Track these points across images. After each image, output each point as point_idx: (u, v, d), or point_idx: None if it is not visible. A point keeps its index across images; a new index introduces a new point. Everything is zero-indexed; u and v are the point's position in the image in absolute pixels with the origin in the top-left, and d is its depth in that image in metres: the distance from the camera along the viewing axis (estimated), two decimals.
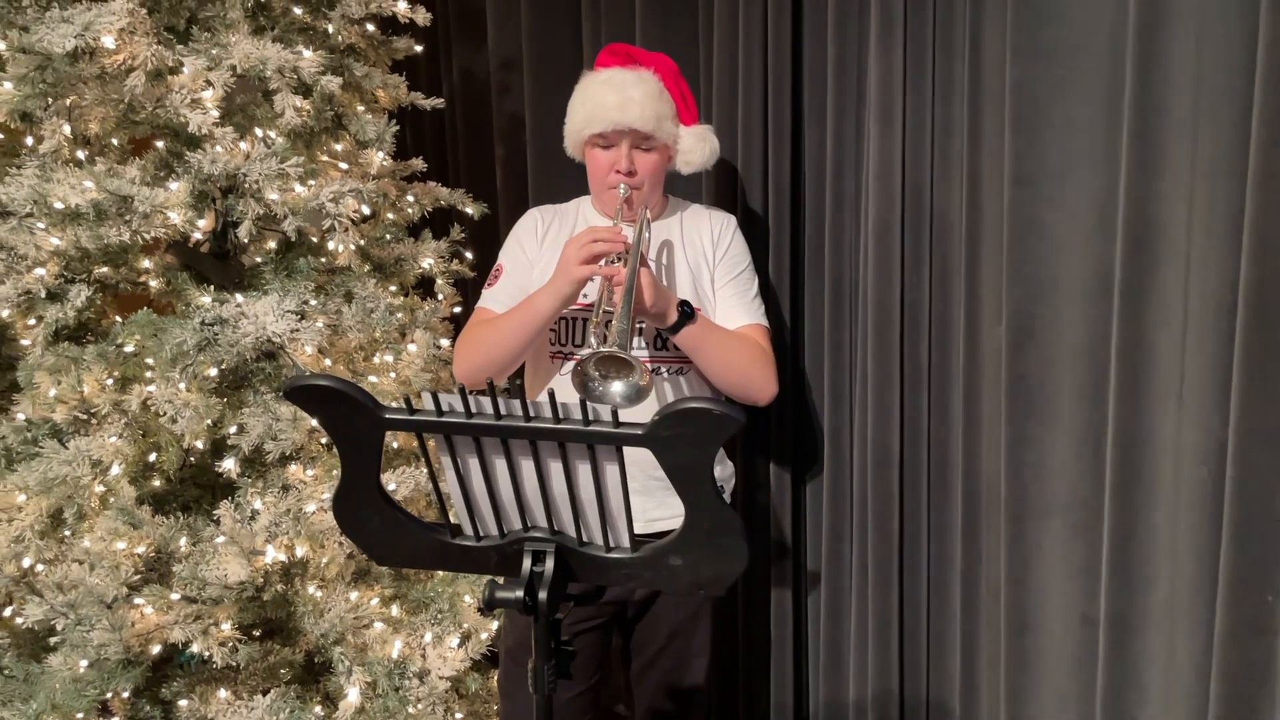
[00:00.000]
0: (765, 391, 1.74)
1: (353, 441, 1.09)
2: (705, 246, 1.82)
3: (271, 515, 1.87)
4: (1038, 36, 1.69)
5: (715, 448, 1.01)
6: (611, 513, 1.12)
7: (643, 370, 1.41)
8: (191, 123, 1.87)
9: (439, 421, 1.05)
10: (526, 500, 1.13)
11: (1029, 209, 1.74)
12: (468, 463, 1.11)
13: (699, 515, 1.08)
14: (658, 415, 1.00)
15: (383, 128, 2.11)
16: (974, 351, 1.85)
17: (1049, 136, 1.70)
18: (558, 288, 1.62)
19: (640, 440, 1.02)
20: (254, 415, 1.93)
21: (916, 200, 1.85)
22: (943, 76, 1.80)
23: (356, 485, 1.14)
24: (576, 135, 1.80)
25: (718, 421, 0.98)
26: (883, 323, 1.89)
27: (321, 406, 1.06)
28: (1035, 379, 1.78)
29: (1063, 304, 1.75)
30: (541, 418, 1.04)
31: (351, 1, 2.11)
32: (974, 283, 1.82)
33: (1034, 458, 1.81)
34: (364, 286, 2.11)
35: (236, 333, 1.85)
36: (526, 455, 1.08)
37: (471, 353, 1.74)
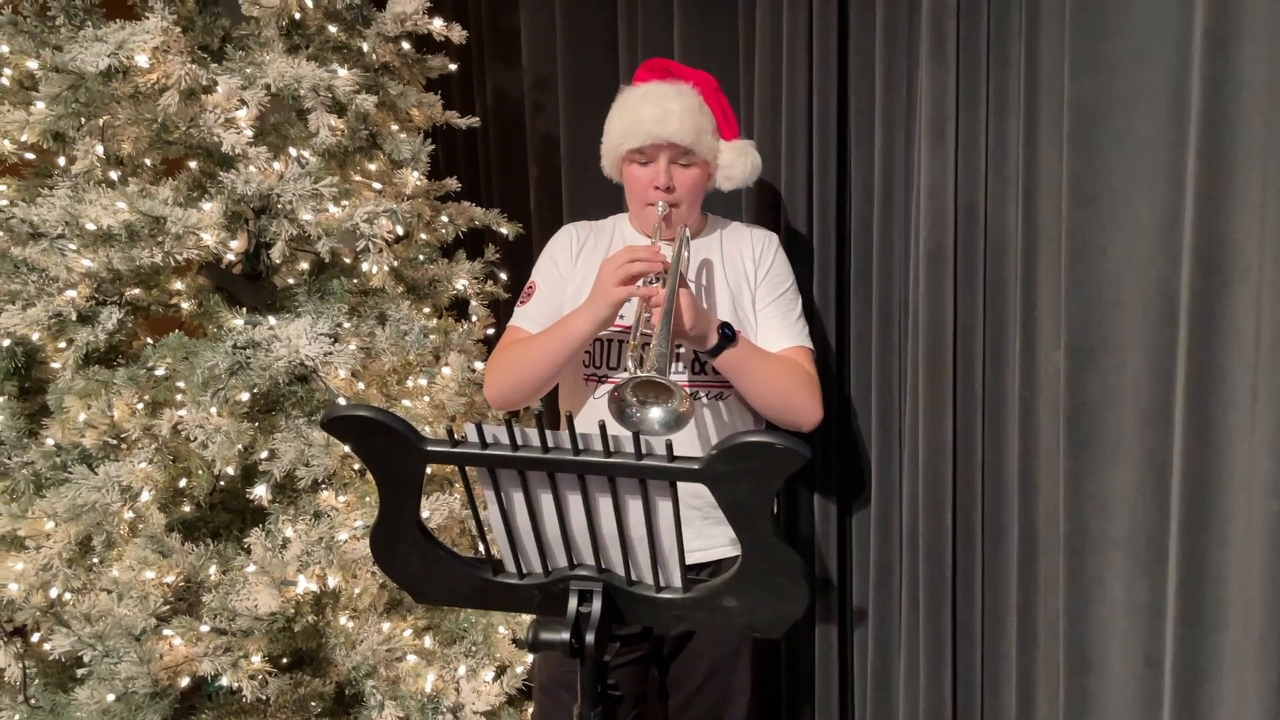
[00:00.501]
0: (810, 417, 1.68)
1: (392, 474, 1.04)
2: (746, 265, 1.76)
3: (303, 544, 1.82)
4: (1098, 49, 1.62)
5: (777, 484, 0.95)
6: (663, 551, 1.06)
7: (682, 396, 1.35)
8: (225, 142, 1.85)
9: (483, 454, 1.00)
10: (573, 537, 1.07)
11: (1089, 228, 1.66)
12: (512, 497, 1.05)
13: (756, 555, 1.02)
14: (715, 449, 0.94)
15: (418, 147, 2.07)
16: (1030, 377, 1.77)
17: (1110, 153, 1.63)
18: (594, 309, 1.56)
19: (696, 475, 0.96)
20: (286, 440, 1.89)
21: (970, 219, 1.78)
22: (997, 91, 1.73)
23: (395, 520, 1.08)
24: (614, 151, 1.75)
25: (780, 456, 0.92)
26: (935, 347, 1.82)
27: (360, 438, 1.01)
28: (1097, 406, 1.70)
29: (1125, 327, 1.68)
30: (591, 451, 0.98)
31: (386, 19, 2.09)
32: (1030, 305, 1.75)
33: (1095, 488, 1.73)
34: (398, 308, 2.07)
35: (269, 356, 1.81)
36: (574, 490, 1.02)
37: (503, 374, 1.69)
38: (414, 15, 2.10)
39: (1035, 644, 1.85)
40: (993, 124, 1.75)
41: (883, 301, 1.94)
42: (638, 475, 0.98)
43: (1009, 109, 1.74)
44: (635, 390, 1.36)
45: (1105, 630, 1.77)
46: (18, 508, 1.81)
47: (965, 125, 1.75)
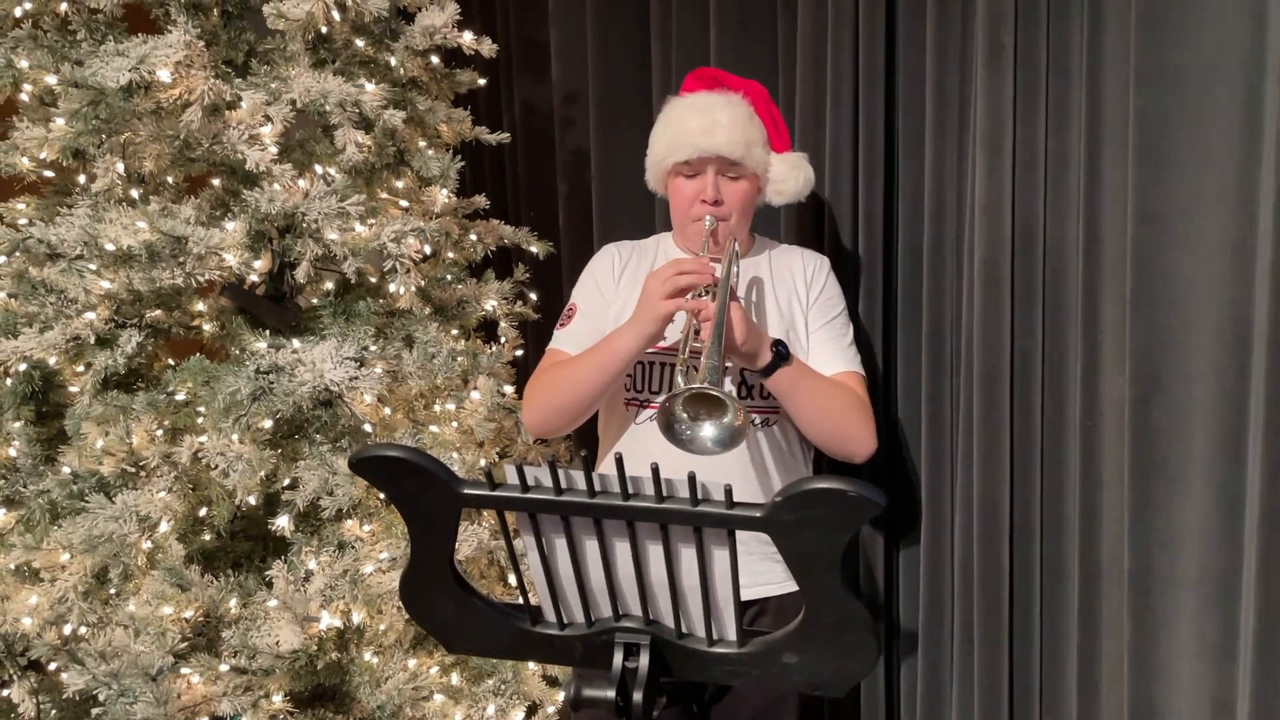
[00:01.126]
0: (864, 446, 1.59)
1: (425, 518, 0.96)
2: (798, 286, 1.68)
3: (327, 577, 1.74)
4: (1165, 59, 1.54)
5: (848, 534, 0.87)
6: (717, 602, 0.98)
7: (737, 409, 1.27)
8: (249, 159, 1.78)
9: (525, 499, 0.92)
10: (619, 585, 0.99)
11: (1156, 248, 1.57)
12: (553, 543, 0.97)
13: (821, 608, 0.93)
14: (780, 496, 0.86)
15: (447, 164, 2.00)
16: (1092, 405, 1.67)
17: (1178, 168, 1.54)
18: (640, 325, 1.48)
19: (759, 524, 0.87)
20: (309, 469, 1.82)
21: (1028, 238, 1.69)
22: (1057, 102, 1.64)
23: (427, 565, 1.00)
24: (659, 165, 1.67)
25: (853, 505, 0.83)
26: (991, 373, 1.72)
27: (390, 479, 0.93)
28: (1164, 435, 1.61)
29: (1194, 352, 1.58)
30: (642, 496, 0.90)
31: (415, 33, 2.02)
32: (1092, 329, 1.66)
33: (1162, 522, 1.63)
34: (425, 330, 2.00)
35: (293, 381, 1.74)
36: (622, 537, 0.94)
37: (543, 398, 1.61)
38: (443, 28, 2.03)
39: (1097, 687, 1.75)
40: (1052, 137, 1.66)
41: (933, 324, 1.85)
42: (693, 523, 0.90)
43: (1069, 122, 1.65)
44: (686, 405, 1.27)
45: (1172, 673, 1.67)
46: (32, 538, 1.75)
47: (1023, 139, 1.67)
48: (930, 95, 1.78)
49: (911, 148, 1.85)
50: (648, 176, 1.75)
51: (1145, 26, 1.54)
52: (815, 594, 0.92)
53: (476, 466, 1.89)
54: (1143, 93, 1.55)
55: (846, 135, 1.89)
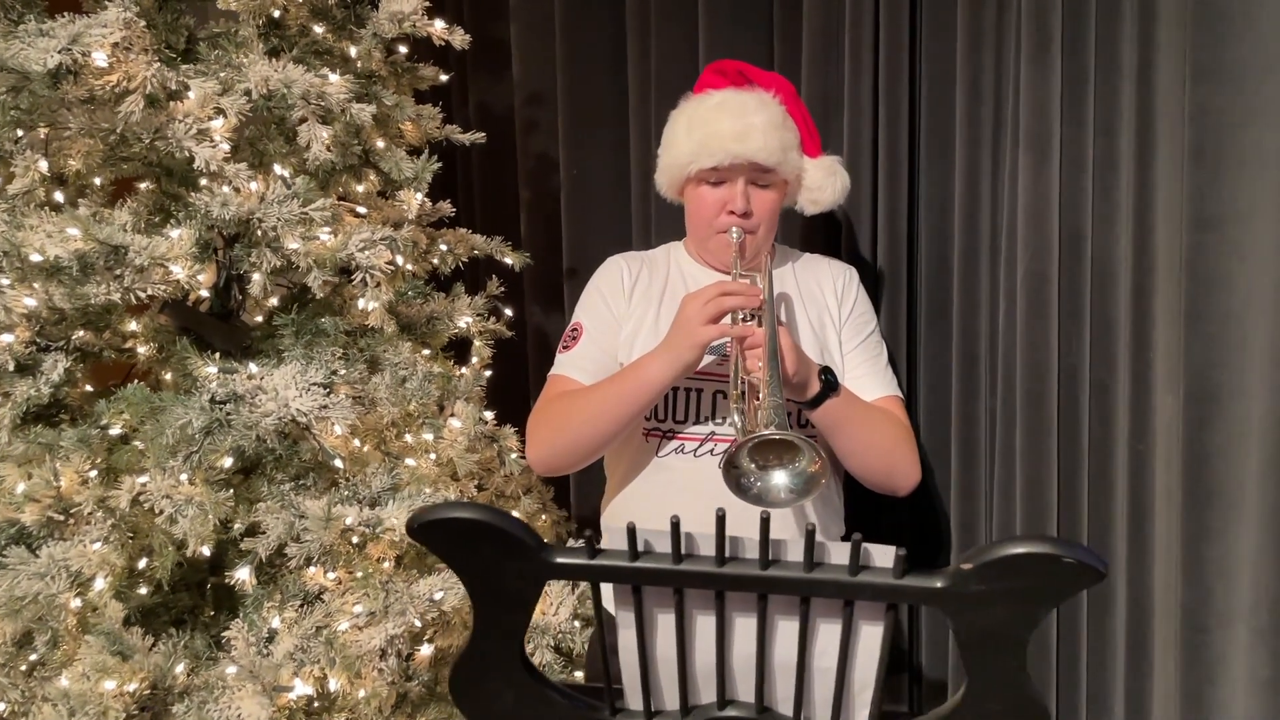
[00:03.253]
0: (910, 479, 1.44)
1: (498, 592, 0.77)
2: (829, 302, 1.52)
3: (295, 637, 1.51)
4: (1223, 54, 1.43)
5: (1050, 609, 0.70)
6: (853, 687, 0.80)
7: (813, 454, 1.10)
8: (198, 157, 1.55)
9: (632, 569, 0.73)
10: (731, 667, 0.81)
11: (1212, 256, 1.46)
12: (655, 619, 0.79)
13: (988, 693, 0.77)
14: (970, 563, 0.69)
15: (422, 165, 1.80)
16: (1143, 425, 1.55)
17: (1239, 171, 1.43)
18: (675, 352, 1.30)
19: (936, 597, 0.70)
20: (271, 512, 1.58)
21: (1075, 247, 1.56)
22: (1104, 101, 1.52)
23: (492, 649, 0.81)
24: (679, 170, 1.49)
25: (1067, 573, 0.67)
26: (1037, 393, 1.59)
27: (461, 546, 0.74)
28: (1219, 458, 1.49)
29: (1251, 369, 1.47)
30: (784, 564, 0.72)
31: (383, 19, 1.81)
32: (1143, 343, 1.54)
33: (1217, 553, 1.52)
34: (396, 351, 1.78)
35: (255, 411, 1.51)
36: (749, 611, 0.76)
37: (554, 433, 1.42)
38: (413, 15, 1.83)
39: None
40: (1099, 138, 1.54)
41: (965, 341, 1.71)
42: (851, 595, 0.72)
43: (1119, 121, 1.53)
44: (752, 454, 1.10)
45: (1226, 712, 1.56)
46: None
47: (1069, 139, 1.54)
48: (961, 92, 1.65)
49: (938, 149, 1.71)
50: (659, 180, 1.57)
51: (1203, 20, 1.43)
52: (986, 677, 0.76)
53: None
54: (1200, 90, 1.44)
55: (866, 136, 1.74)
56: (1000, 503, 1.68)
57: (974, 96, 1.64)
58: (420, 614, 1.60)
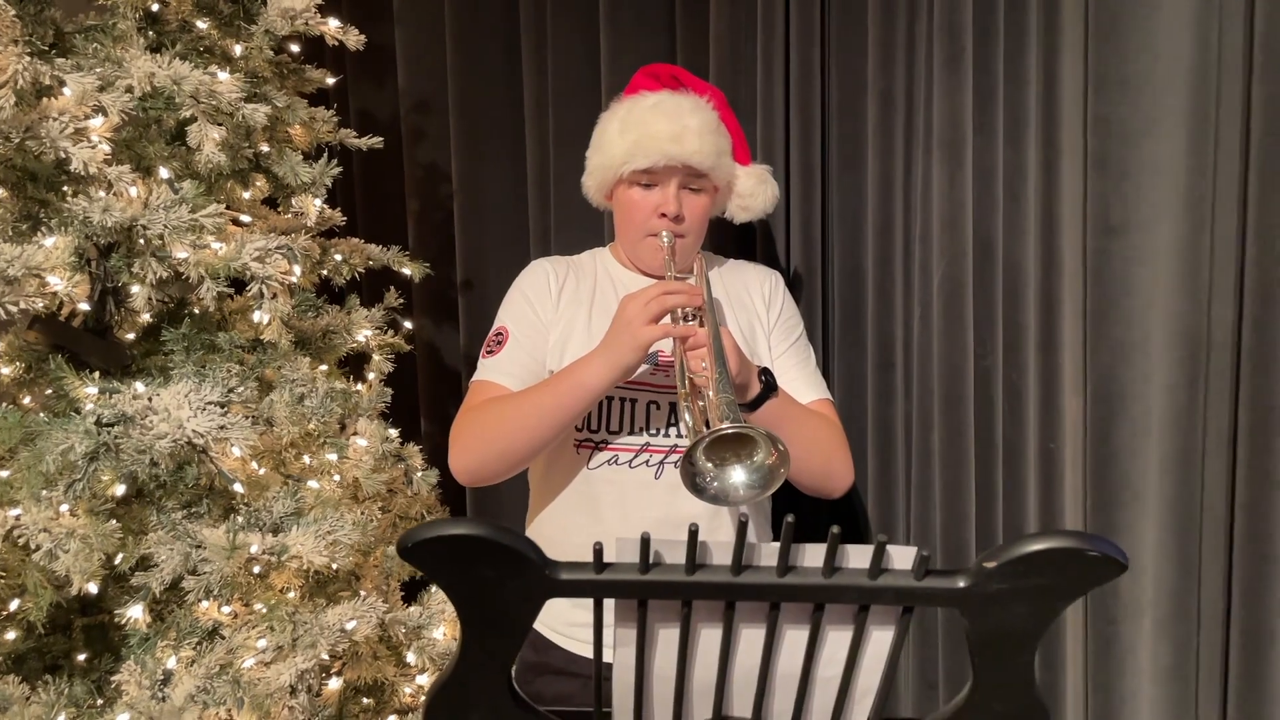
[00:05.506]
0: (845, 481, 1.44)
1: (494, 614, 0.71)
2: (757, 307, 1.51)
3: (196, 678, 1.39)
4: (1123, 67, 1.50)
5: (1067, 605, 0.70)
6: (854, 694, 0.78)
7: (770, 444, 1.08)
8: (75, 159, 1.42)
9: (643, 582, 0.69)
10: (732, 681, 0.78)
11: (1114, 261, 1.53)
12: (656, 634, 0.74)
13: (994, 695, 0.76)
14: (992, 561, 0.68)
15: (321, 170, 1.70)
16: (1052, 427, 1.61)
17: (1142, 179, 1.50)
18: (618, 354, 1.26)
19: (958, 597, 0.69)
20: (163, 543, 1.46)
21: (987, 253, 1.60)
22: (1012, 112, 1.57)
23: (479, 675, 0.75)
24: (610, 171, 1.46)
25: (1093, 567, 0.67)
26: (954, 396, 1.62)
27: (460, 566, 0.68)
28: (1124, 455, 1.56)
29: (1154, 371, 1.54)
30: (801, 569, 0.70)
31: (274, 15, 1.71)
32: (1050, 345, 1.59)
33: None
34: (294, 367, 1.68)
35: (148, 434, 1.39)
36: (758, 622, 0.73)
37: (482, 441, 1.36)
38: (305, 13, 1.73)
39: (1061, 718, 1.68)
40: (1007, 147, 1.58)
41: (880, 346, 1.73)
42: (870, 600, 0.70)
43: (1025, 131, 1.58)
44: (708, 452, 1.08)
45: (1135, 701, 1.62)
46: None
47: (980, 148, 1.58)
48: (873, 102, 1.67)
49: (851, 159, 1.73)
50: (587, 183, 1.53)
51: (1102, 34, 1.49)
52: (994, 678, 0.75)
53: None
54: (1101, 101, 1.50)
55: (779, 145, 1.74)
56: (918, 504, 1.71)
57: (886, 105, 1.67)
58: (331, 646, 1.50)
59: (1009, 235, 1.59)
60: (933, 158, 1.59)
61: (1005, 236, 1.59)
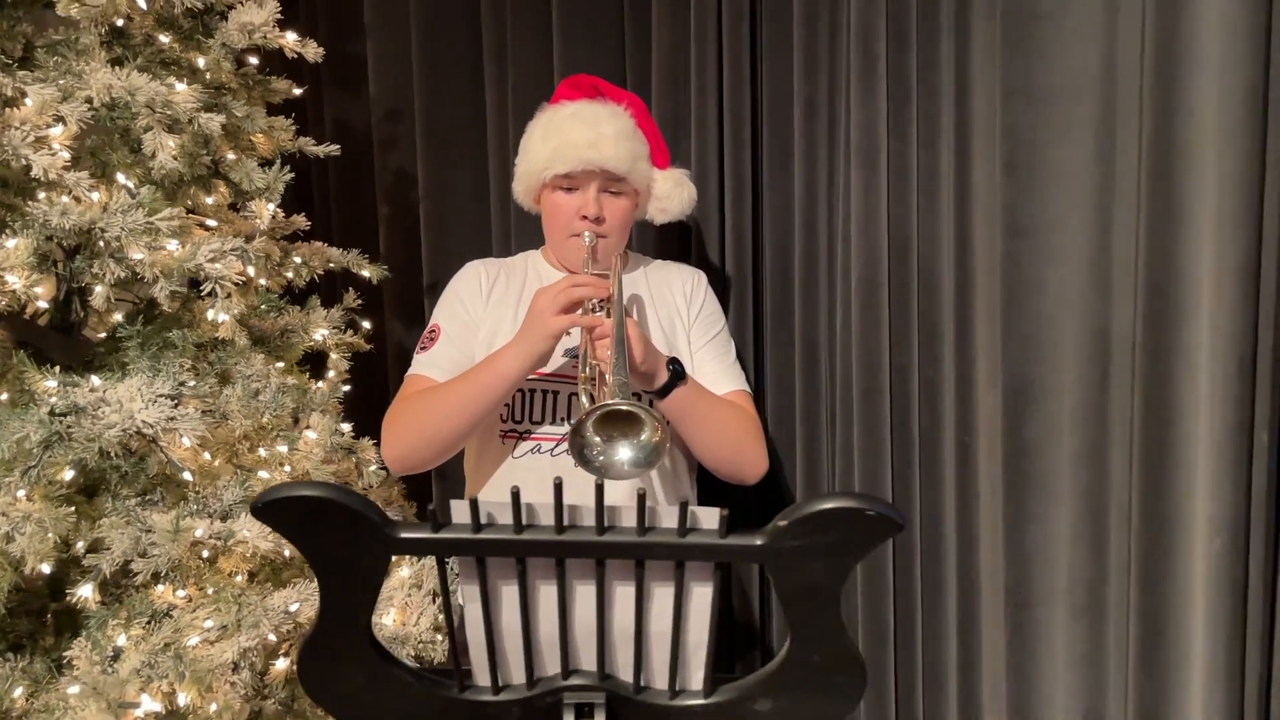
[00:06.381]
0: (758, 468, 1.52)
1: (344, 572, 0.79)
2: (678, 303, 1.59)
3: (142, 654, 1.48)
4: (1031, 76, 1.56)
5: (858, 560, 0.77)
6: (687, 647, 0.86)
7: (654, 423, 1.15)
8: (35, 166, 1.51)
9: (476, 540, 0.76)
10: (574, 637, 0.85)
11: (1025, 261, 1.59)
12: (499, 592, 0.82)
13: (810, 645, 0.83)
14: (785, 519, 0.75)
15: (274, 176, 1.79)
16: (968, 419, 1.67)
17: (1049, 184, 1.57)
18: (528, 343, 1.34)
19: (757, 554, 0.76)
20: (115, 527, 1.54)
21: (902, 254, 1.67)
22: (926, 119, 1.64)
23: (340, 629, 0.82)
24: (534, 177, 1.54)
25: (872, 525, 0.74)
26: (871, 391, 1.69)
27: (307, 526, 0.76)
28: (1036, 448, 1.62)
29: (1064, 366, 1.61)
30: (619, 529, 0.77)
31: (232, 29, 1.80)
32: (965, 344, 1.66)
33: (1037, 536, 1.64)
34: (249, 363, 1.76)
35: (97, 424, 1.47)
36: (588, 579, 0.81)
37: (409, 430, 1.44)
38: (263, 27, 1.82)
39: (978, 704, 1.74)
40: (923, 152, 1.66)
41: (806, 343, 1.81)
42: (681, 557, 0.77)
43: (939, 137, 1.65)
44: (597, 427, 1.15)
45: (1050, 686, 1.68)
46: None
47: (895, 153, 1.66)
48: (799, 110, 1.75)
49: (779, 164, 1.81)
50: (516, 189, 1.61)
51: (1010, 46, 1.56)
52: (807, 630, 0.82)
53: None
54: (1010, 110, 1.57)
55: (712, 152, 1.82)
56: None
57: (810, 115, 1.75)
58: (275, 626, 1.58)
59: (925, 237, 1.66)
60: (850, 164, 1.67)
61: (921, 239, 1.66)
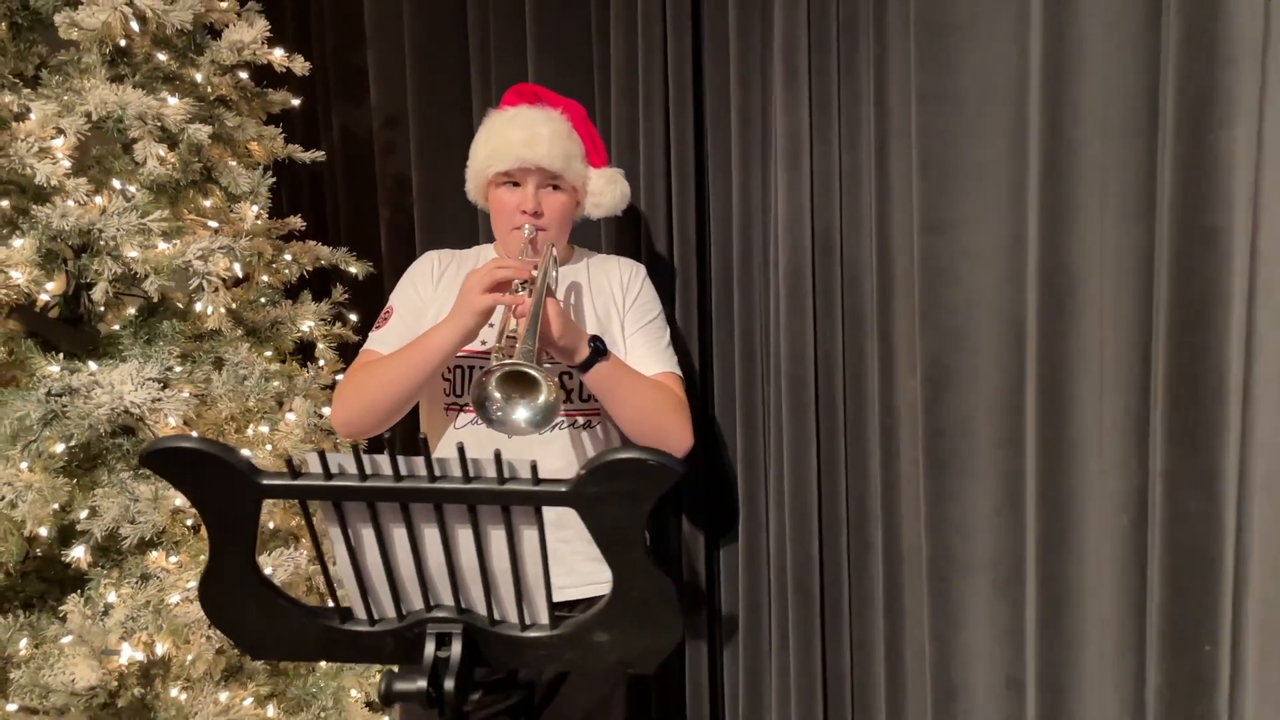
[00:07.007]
0: (681, 443, 1.64)
1: (223, 514, 0.94)
2: (615, 292, 1.72)
3: (128, 609, 1.65)
4: (944, 82, 1.67)
5: (650, 504, 0.90)
6: (528, 585, 0.99)
7: (550, 386, 1.29)
8: (39, 173, 1.70)
9: (328, 486, 0.91)
10: (429, 574, 0.99)
11: (941, 255, 1.70)
12: (360, 534, 0.96)
13: (628, 583, 0.96)
14: (584, 469, 0.88)
15: (258, 179, 1.96)
16: (891, 403, 1.78)
17: (960, 182, 1.67)
18: (457, 320, 1.49)
19: (565, 499, 0.90)
20: (108, 496, 1.72)
21: (827, 248, 1.79)
22: (849, 122, 1.76)
23: (227, 566, 0.97)
24: (480, 175, 1.70)
25: (654, 473, 0.87)
26: (797, 377, 1.81)
27: (186, 474, 0.91)
28: (953, 432, 1.73)
29: (978, 353, 1.71)
30: (449, 477, 0.91)
31: (222, 47, 1.97)
32: (887, 333, 1.77)
33: (955, 513, 1.74)
34: (236, 352, 1.94)
35: (89, 403, 1.66)
36: (431, 522, 0.95)
37: (355, 397, 1.59)
38: (252, 44, 1.99)
39: (903, 672, 1.84)
40: (845, 154, 1.77)
41: (745, 333, 1.93)
42: (501, 502, 0.91)
43: (861, 139, 1.76)
44: (500, 386, 1.29)
45: (970, 654, 1.77)
46: None
47: (819, 155, 1.77)
48: (735, 116, 1.88)
49: (720, 166, 1.94)
50: (468, 188, 1.76)
51: (925, 53, 1.66)
52: (623, 569, 0.95)
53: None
54: (925, 113, 1.68)
55: (659, 156, 1.96)
56: (774, 476, 1.90)
57: (745, 121, 1.87)
58: None
59: (849, 233, 1.78)
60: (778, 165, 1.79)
61: (845, 235, 1.78)
